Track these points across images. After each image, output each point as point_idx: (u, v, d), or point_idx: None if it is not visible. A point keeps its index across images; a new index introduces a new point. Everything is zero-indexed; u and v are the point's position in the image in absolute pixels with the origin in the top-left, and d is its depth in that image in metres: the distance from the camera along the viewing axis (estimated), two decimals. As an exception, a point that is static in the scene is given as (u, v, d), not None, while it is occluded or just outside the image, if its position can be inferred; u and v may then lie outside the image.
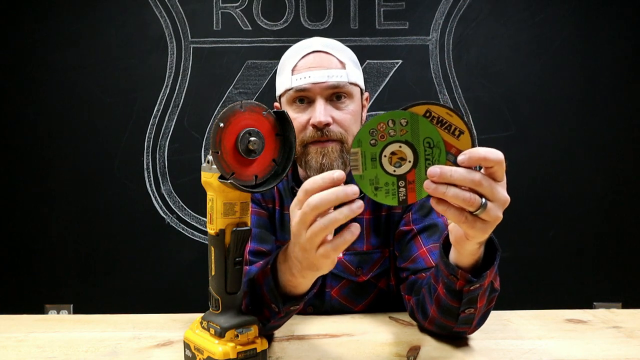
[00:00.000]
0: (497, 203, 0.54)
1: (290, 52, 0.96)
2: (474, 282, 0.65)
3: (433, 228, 0.92)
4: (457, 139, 0.55)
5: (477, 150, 0.53)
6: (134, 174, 1.93)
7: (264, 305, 0.70)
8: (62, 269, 1.93)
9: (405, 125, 0.56)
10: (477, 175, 0.53)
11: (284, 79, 0.93)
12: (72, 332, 0.85)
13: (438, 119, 0.56)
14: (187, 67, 1.93)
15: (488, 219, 0.54)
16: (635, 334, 0.81)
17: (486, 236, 0.58)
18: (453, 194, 0.53)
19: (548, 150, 1.91)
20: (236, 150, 0.59)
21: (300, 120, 0.91)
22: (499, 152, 0.53)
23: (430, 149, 0.56)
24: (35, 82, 1.91)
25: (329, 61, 0.91)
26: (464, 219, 0.54)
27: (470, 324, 0.74)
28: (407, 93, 1.91)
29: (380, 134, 0.56)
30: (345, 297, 0.97)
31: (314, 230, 0.56)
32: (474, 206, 0.53)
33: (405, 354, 0.73)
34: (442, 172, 0.53)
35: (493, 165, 0.53)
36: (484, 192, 0.53)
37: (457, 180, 0.53)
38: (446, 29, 1.91)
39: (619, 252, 1.92)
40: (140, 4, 1.91)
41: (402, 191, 0.57)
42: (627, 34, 1.89)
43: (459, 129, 0.55)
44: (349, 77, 0.91)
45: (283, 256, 0.67)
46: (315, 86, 0.89)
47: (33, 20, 1.90)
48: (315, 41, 0.94)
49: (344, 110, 0.92)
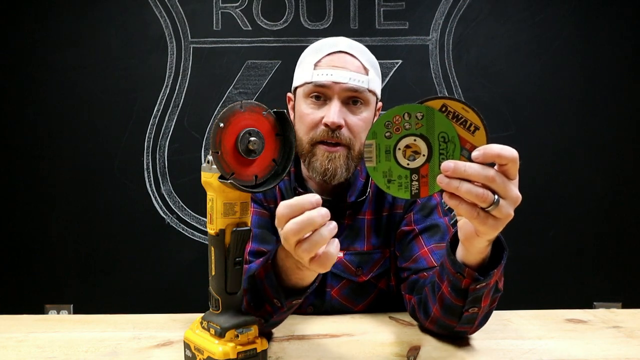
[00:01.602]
0: (509, 200, 0.54)
1: (316, 45, 0.95)
2: (481, 281, 0.65)
3: (435, 228, 0.92)
4: (473, 134, 0.55)
5: (492, 146, 0.53)
6: (134, 174, 1.93)
7: (265, 301, 0.70)
8: (62, 269, 1.93)
9: (421, 119, 0.56)
10: (491, 171, 0.53)
11: (305, 72, 0.92)
12: (72, 332, 0.85)
13: (454, 113, 0.56)
14: (187, 67, 1.93)
15: (499, 216, 0.55)
16: (635, 334, 0.81)
17: (496, 233, 0.58)
18: (466, 189, 0.53)
19: (548, 150, 1.91)
20: (236, 150, 0.59)
21: (313, 117, 0.90)
22: (513, 150, 0.53)
23: (445, 143, 0.56)
24: (35, 82, 1.91)
25: (353, 64, 0.91)
26: (476, 215, 0.55)
27: (472, 324, 0.74)
28: (407, 93, 1.91)
29: (395, 127, 0.56)
30: (345, 297, 0.97)
31: (299, 253, 0.58)
32: (486, 202, 0.53)
33: (405, 354, 0.73)
34: (456, 167, 0.53)
35: (507, 163, 0.53)
36: (497, 189, 0.53)
37: (470, 176, 0.53)
38: (446, 29, 1.91)
39: (619, 252, 1.92)
40: (140, 4, 1.91)
41: (415, 185, 0.57)
42: (627, 34, 1.89)
43: (474, 125, 0.55)
44: (369, 84, 0.90)
45: (284, 252, 0.67)
46: (335, 85, 0.88)
47: (33, 20, 1.90)
48: (343, 41, 0.94)
49: (358, 116, 0.91)
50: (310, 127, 0.90)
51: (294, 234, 0.57)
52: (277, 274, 0.69)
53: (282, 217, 0.58)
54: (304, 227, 0.56)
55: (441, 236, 0.92)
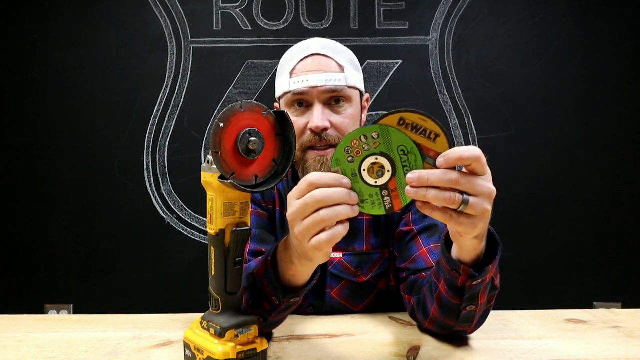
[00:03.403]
0: (481, 197, 0.55)
1: (289, 54, 0.96)
2: (476, 277, 0.65)
3: (433, 228, 0.92)
4: (434, 142, 0.57)
5: (453, 151, 0.55)
6: (134, 174, 1.93)
7: (264, 299, 0.70)
8: (62, 269, 1.93)
9: (377, 138, 0.58)
10: (454, 174, 0.54)
11: (283, 82, 0.93)
12: (72, 332, 0.85)
13: (412, 125, 0.57)
14: (187, 67, 1.93)
15: (474, 213, 0.55)
16: (635, 334, 0.81)
17: (477, 231, 0.58)
18: (433, 195, 0.55)
19: (548, 150, 1.91)
20: (236, 150, 0.59)
21: (298, 124, 0.90)
22: (475, 148, 0.54)
23: (405, 155, 0.58)
24: (35, 82, 1.91)
25: (328, 65, 0.91)
26: (449, 217, 0.56)
27: (470, 322, 0.74)
28: (407, 93, 1.91)
29: (355, 150, 0.58)
30: (345, 297, 0.97)
31: (315, 220, 0.57)
32: (455, 204, 0.55)
33: (405, 354, 0.73)
34: (420, 177, 0.55)
35: (471, 163, 0.54)
36: (465, 189, 0.55)
37: (435, 182, 0.54)
38: (446, 29, 1.91)
39: (619, 252, 1.92)
40: (140, 4, 1.91)
41: (387, 200, 0.59)
42: (627, 34, 1.89)
43: (434, 133, 0.57)
44: (347, 81, 0.90)
45: (284, 245, 0.67)
46: (313, 90, 0.89)
47: (33, 20, 1.90)
48: (315, 43, 0.94)
49: (342, 114, 0.91)
50: (298, 135, 0.90)
51: (316, 203, 0.56)
52: (276, 270, 0.69)
53: (312, 184, 0.57)
54: (332, 198, 0.56)
55: (440, 236, 0.91)
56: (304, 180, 0.58)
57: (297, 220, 0.59)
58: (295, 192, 0.59)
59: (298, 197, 0.58)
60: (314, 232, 0.58)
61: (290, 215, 0.59)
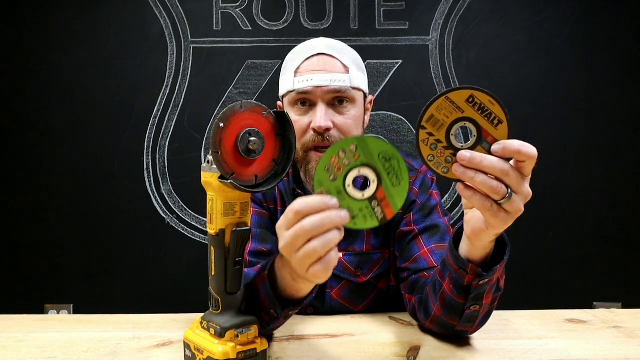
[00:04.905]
0: (521, 196, 0.55)
1: (295, 52, 0.95)
2: (484, 277, 0.66)
3: (434, 229, 0.92)
4: (495, 128, 0.56)
5: (513, 142, 0.54)
6: (134, 174, 1.93)
7: (262, 311, 0.69)
8: (62, 269, 1.93)
9: (355, 151, 0.56)
10: (507, 165, 0.54)
11: (287, 80, 0.92)
12: (72, 332, 0.85)
13: (480, 105, 0.56)
14: (187, 67, 1.92)
15: (510, 210, 0.56)
16: (635, 334, 0.81)
17: (505, 227, 0.58)
18: (481, 180, 0.54)
19: (548, 151, 1.91)
20: (236, 150, 0.59)
21: (301, 124, 0.90)
22: (533, 148, 0.53)
23: (388, 162, 0.56)
24: (35, 82, 1.91)
25: (333, 65, 0.90)
26: (489, 207, 0.55)
27: (473, 322, 0.74)
28: (407, 93, 1.91)
29: (336, 167, 0.56)
30: (345, 298, 0.97)
31: (307, 253, 0.54)
32: (499, 195, 0.54)
33: (405, 354, 0.73)
34: (472, 157, 0.54)
35: (525, 160, 0.54)
36: (511, 183, 0.54)
37: (486, 168, 0.54)
38: (446, 29, 1.91)
39: (619, 252, 1.92)
40: (140, 4, 1.91)
41: (378, 210, 0.57)
42: (628, 34, 1.89)
43: (498, 119, 0.55)
44: (352, 82, 0.90)
45: (281, 261, 0.66)
46: (317, 90, 0.89)
47: (33, 20, 1.90)
48: (320, 43, 0.93)
49: (346, 115, 0.91)
50: (300, 134, 0.90)
51: (306, 234, 0.53)
52: (274, 284, 0.68)
53: (299, 213, 0.54)
54: (321, 226, 0.53)
55: (441, 236, 0.92)
56: (290, 210, 0.54)
57: (290, 253, 0.55)
58: (283, 222, 0.56)
59: (287, 228, 0.55)
60: (308, 264, 0.55)
61: (283, 249, 0.56)
